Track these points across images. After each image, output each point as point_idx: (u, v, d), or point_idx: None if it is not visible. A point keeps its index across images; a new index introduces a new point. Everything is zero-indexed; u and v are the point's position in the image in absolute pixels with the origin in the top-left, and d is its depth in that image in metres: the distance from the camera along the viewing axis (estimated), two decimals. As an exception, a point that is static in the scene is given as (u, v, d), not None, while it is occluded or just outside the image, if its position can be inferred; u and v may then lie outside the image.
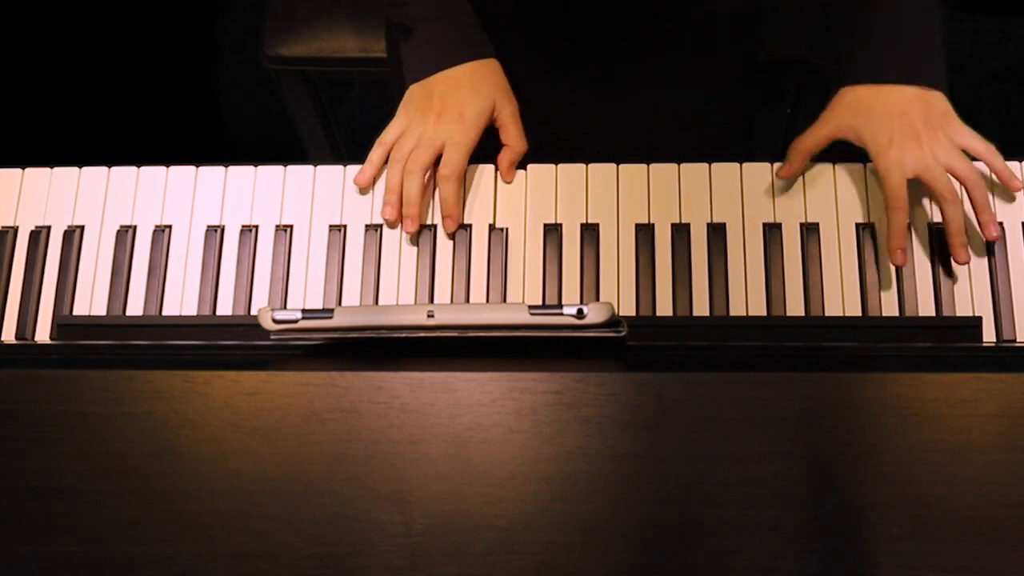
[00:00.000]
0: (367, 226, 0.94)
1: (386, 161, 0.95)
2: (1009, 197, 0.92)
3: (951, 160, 0.88)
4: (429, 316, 0.69)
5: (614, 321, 0.69)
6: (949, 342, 0.78)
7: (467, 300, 0.91)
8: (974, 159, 0.90)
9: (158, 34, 1.82)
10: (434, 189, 0.94)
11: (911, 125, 0.88)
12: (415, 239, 0.93)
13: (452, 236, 0.92)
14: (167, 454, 0.61)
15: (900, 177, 0.87)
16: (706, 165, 0.94)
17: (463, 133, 0.93)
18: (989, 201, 0.89)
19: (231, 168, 0.96)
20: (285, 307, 0.90)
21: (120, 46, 1.77)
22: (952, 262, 0.89)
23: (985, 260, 0.90)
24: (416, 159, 0.92)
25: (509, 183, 0.95)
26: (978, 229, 0.90)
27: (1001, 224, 0.91)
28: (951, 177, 0.88)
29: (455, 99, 0.93)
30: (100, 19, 1.75)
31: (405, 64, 0.98)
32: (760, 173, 0.93)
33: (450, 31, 0.96)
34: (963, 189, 0.89)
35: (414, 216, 0.92)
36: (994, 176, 0.90)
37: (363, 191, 0.94)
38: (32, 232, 0.95)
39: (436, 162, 0.93)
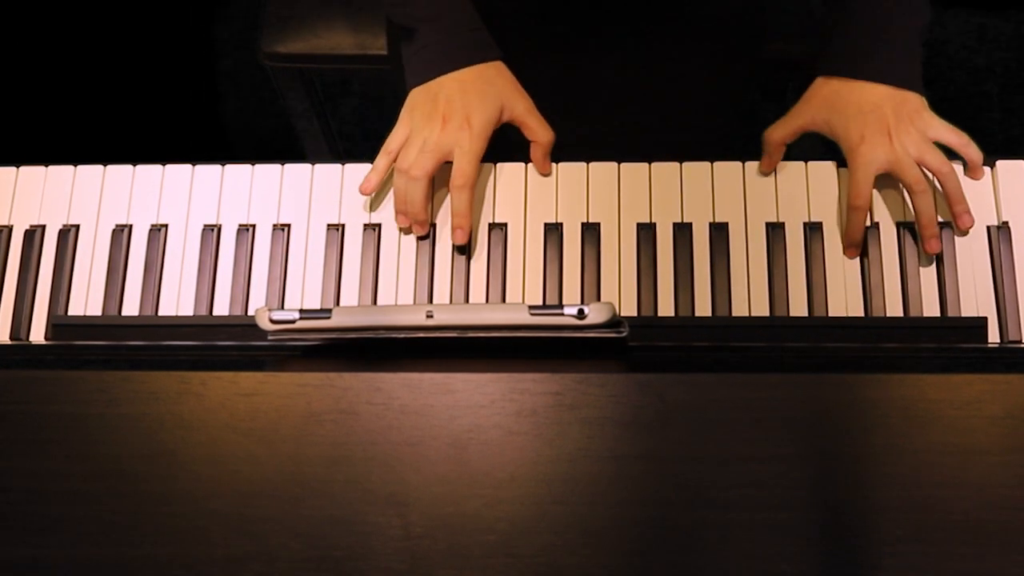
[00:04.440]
0: (365, 225, 0.93)
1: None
2: (1017, 196, 0.91)
3: (922, 152, 0.89)
4: (428, 316, 0.68)
5: (615, 321, 0.68)
6: (954, 343, 0.77)
7: (466, 300, 0.90)
8: (953, 156, 0.91)
9: (154, 31, 1.81)
10: (434, 193, 0.93)
11: (883, 120, 0.90)
12: (414, 238, 0.92)
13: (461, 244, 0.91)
14: (163, 456, 0.61)
15: (867, 174, 0.89)
16: (708, 164, 0.93)
17: (471, 141, 0.91)
18: (962, 192, 0.90)
19: (228, 167, 0.95)
20: (283, 307, 0.89)
21: (116, 44, 1.76)
22: (955, 264, 0.89)
23: (989, 260, 0.89)
24: (420, 166, 0.91)
25: (547, 175, 0.94)
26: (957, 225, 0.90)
27: (1007, 223, 0.90)
28: (924, 169, 0.89)
29: (461, 104, 0.92)
30: (96, 17, 1.74)
31: (407, 66, 0.96)
32: (762, 172, 0.93)
33: (453, 32, 0.95)
34: (936, 181, 0.90)
35: (421, 222, 0.92)
36: (965, 165, 0.91)
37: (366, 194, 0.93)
38: (27, 231, 0.94)
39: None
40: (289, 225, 0.93)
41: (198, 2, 1.87)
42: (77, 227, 0.94)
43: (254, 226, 0.93)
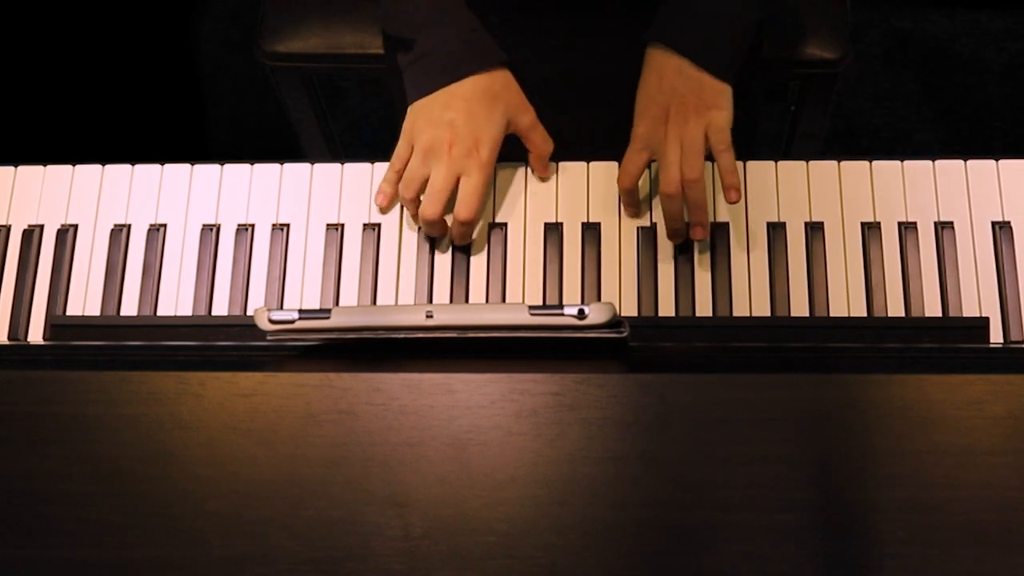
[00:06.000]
0: (365, 225, 0.93)
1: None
2: (1019, 196, 0.91)
3: (686, 151, 0.89)
4: (428, 316, 0.68)
5: (616, 322, 0.68)
6: (956, 343, 0.77)
7: (466, 300, 0.90)
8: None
9: (153, 30, 1.81)
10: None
11: (665, 106, 0.90)
12: (414, 238, 0.92)
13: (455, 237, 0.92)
14: (161, 456, 0.61)
15: (636, 152, 0.91)
16: (709, 163, 0.93)
17: (479, 171, 0.89)
18: (703, 205, 0.89)
19: (227, 166, 0.95)
20: (282, 307, 0.89)
21: (114, 43, 1.76)
22: (957, 264, 0.88)
23: (992, 260, 0.89)
24: (432, 212, 0.89)
25: (545, 179, 0.94)
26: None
27: (1008, 223, 0.90)
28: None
29: (468, 130, 0.89)
30: (94, 16, 1.74)
31: (406, 76, 0.93)
32: (764, 171, 0.93)
33: (454, 36, 0.91)
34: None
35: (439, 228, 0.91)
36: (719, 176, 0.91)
37: (383, 212, 0.93)
38: (25, 231, 0.94)
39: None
40: (288, 225, 0.93)
41: (197, 1, 1.87)
42: (75, 227, 0.94)
43: (253, 226, 0.93)
